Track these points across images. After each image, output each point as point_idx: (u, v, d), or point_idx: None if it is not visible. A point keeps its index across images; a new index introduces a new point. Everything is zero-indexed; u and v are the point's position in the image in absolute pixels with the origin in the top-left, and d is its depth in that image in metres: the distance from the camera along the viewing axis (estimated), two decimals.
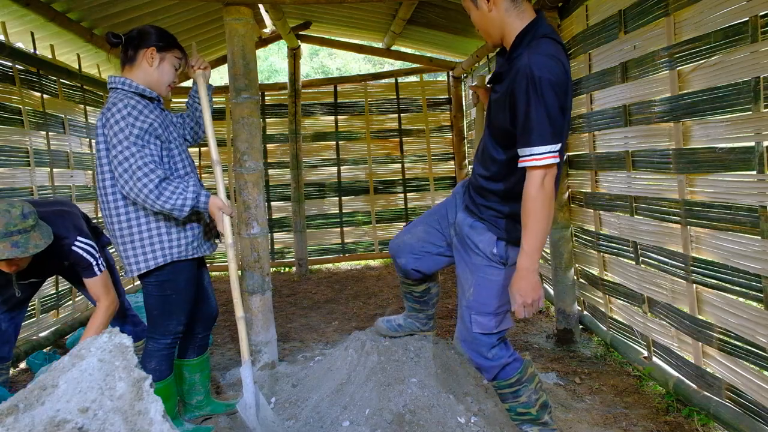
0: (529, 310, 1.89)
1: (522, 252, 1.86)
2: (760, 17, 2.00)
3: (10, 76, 3.81)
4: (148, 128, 2.28)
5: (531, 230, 1.82)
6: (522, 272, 1.86)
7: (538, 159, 1.77)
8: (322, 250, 6.86)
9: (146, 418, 1.55)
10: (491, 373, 2.12)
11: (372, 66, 14.96)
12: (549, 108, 1.75)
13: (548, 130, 1.76)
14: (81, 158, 4.71)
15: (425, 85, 6.95)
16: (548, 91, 1.74)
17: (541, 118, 1.75)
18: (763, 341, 2.11)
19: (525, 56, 1.78)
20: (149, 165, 2.22)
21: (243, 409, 2.46)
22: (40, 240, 2.30)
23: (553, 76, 1.75)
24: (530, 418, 2.17)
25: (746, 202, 2.14)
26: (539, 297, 1.89)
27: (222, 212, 2.35)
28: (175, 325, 2.47)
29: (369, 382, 2.60)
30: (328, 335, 4.04)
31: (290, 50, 6.23)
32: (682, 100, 2.48)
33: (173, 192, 2.24)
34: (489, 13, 1.90)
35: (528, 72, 1.74)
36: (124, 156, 2.22)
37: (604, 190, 3.30)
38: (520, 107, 1.78)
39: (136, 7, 4.34)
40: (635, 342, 3.13)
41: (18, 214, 2.24)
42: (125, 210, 2.33)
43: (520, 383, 2.13)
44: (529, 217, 1.82)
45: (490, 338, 2.09)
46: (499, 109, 1.91)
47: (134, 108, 2.27)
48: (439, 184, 7.01)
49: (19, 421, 1.48)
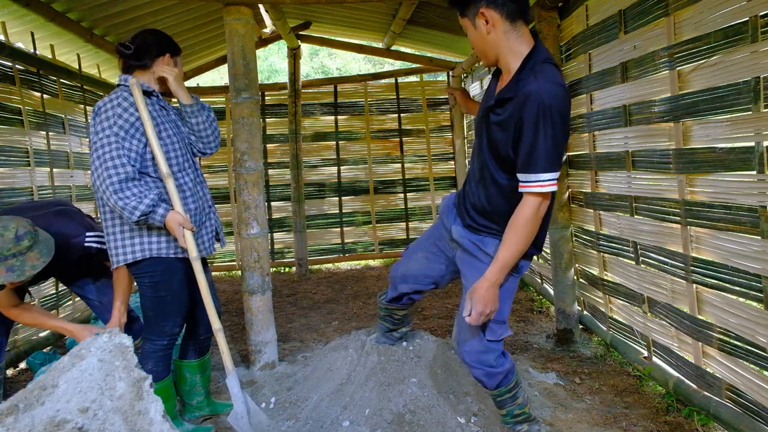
0: (482, 320, 1.94)
1: (495, 263, 1.92)
2: (760, 17, 2.00)
3: (10, 76, 3.81)
4: (135, 122, 2.28)
5: (512, 246, 1.89)
6: (487, 282, 1.91)
7: (543, 186, 1.82)
8: (322, 250, 6.86)
9: (146, 418, 1.55)
10: (496, 380, 2.12)
11: (372, 66, 14.96)
12: (557, 137, 1.79)
13: (555, 159, 1.81)
14: (81, 158, 4.71)
15: (425, 85, 6.95)
16: (558, 119, 1.79)
17: (549, 147, 1.79)
18: (763, 341, 2.12)
19: (533, 83, 1.79)
20: (122, 158, 2.22)
21: (235, 420, 2.42)
22: (38, 260, 2.25)
23: (563, 106, 1.81)
24: (524, 417, 2.22)
25: (746, 202, 2.14)
26: (495, 309, 1.95)
27: (182, 227, 2.29)
28: (171, 327, 2.46)
29: (369, 382, 2.60)
30: (328, 335, 4.04)
31: (290, 50, 6.23)
32: (682, 100, 2.48)
33: (133, 194, 2.21)
34: (487, 36, 1.91)
35: (539, 100, 1.77)
36: (101, 143, 2.23)
37: (604, 190, 3.30)
38: (527, 134, 1.81)
39: (136, 7, 4.34)
40: (635, 342, 3.13)
41: (11, 237, 2.18)
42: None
43: (518, 385, 2.19)
44: (515, 235, 1.88)
45: (498, 345, 2.11)
46: (500, 131, 1.92)
47: (125, 100, 2.29)
48: (439, 184, 7.01)
49: (19, 421, 1.48)
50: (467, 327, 2.10)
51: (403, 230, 6.97)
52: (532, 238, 1.91)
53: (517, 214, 1.88)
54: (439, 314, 4.43)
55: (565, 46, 3.65)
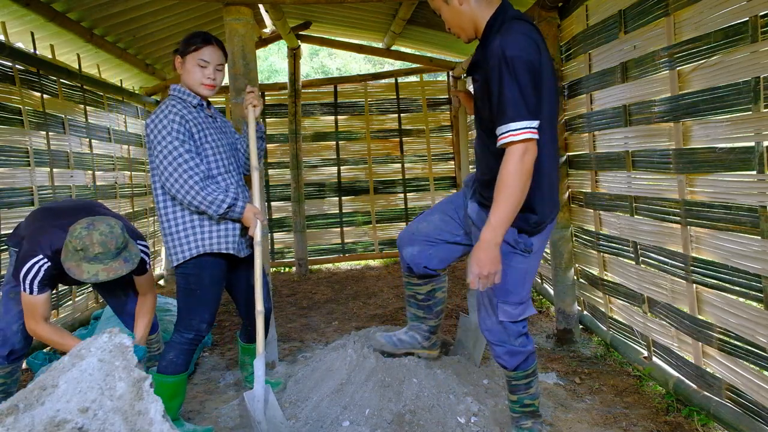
0: (483, 283, 1.87)
1: (488, 224, 1.85)
2: (760, 17, 2.00)
3: (10, 76, 3.81)
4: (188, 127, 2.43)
5: (501, 204, 1.81)
6: (483, 244, 1.84)
7: (515, 135, 1.77)
8: (322, 250, 6.86)
9: (146, 418, 1.55)
10: (516, 360, 2.11)
11: (372, 66, 14.96)
12: (522, 85, 1.77)
13: (523, 107, 1.77)
14: (81, 158, 4.71)
15: (425, 85, 6.96)
16: (521, 68, 1.77)
17: (515, 95, 1.76)
18: (763, 341, 2.11)
19: (496, 39, 1.81)
20: (195, 159, 2.40)
21: (251, 401, 2.41)
22: (135, 248, 2.38)
23: (525, 54, 1.78)
24: (532, 410, 2.21)
25: (746, 202, 2.14)
26: (496, 271, 1.87)
27: (256, 218, 2.48)
28: (197, 322, 2.50)
29: (369, 382, 2.60)
30: (328, 335, 4.04)
31: (290, 50, 6.23)
32: (682, 100, 2.48)
33: (215, 189, 2.41)
34: (460, 7, 1.93)
35: (499, 53, 1.77)
36: (168, 150, 2.38)
37: (604, 190, 3.30)
38: (494, 88, 1.80)
39: (136, 7, 4.34)
40: (635, 342, 3.13)
41: (119, 232, 2.28)
42: (164, 205, 2.49)
43: (535, 374, 2.17)
44: (501, 192, 1.80)
45: (517, 326, 2.10)
46: (481, 99, 1.92)
47: (174, 107, 2.45)
48: (439, 184, 7.01)
49: (19, 421, 1.48)
50: (484, 307, 2.10)
51: None
52: (521, 194, 1.82)
53: (500, 171, 1.82)
54: None
55: (565, 46, 3.65)
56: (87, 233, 2.21)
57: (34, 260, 2.32)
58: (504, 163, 1.80)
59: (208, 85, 2.52)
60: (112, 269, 2.25)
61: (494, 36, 1.84)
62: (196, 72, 2.49)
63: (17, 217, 3.72)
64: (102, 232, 2.23)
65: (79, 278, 2.23)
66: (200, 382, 3.27)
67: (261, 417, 2.37)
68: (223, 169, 2.55)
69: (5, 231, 3.55)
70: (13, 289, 2.55)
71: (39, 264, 2.32)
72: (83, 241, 2.20)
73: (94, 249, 2.21)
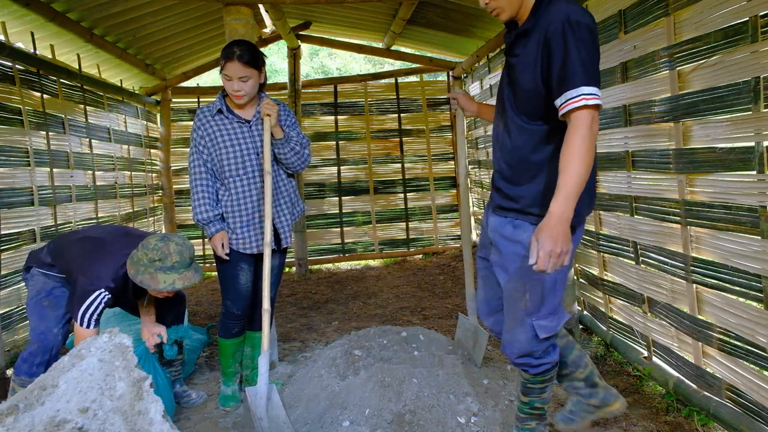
0: (554, 263, 1.65)
1: (557, 194, 1.65)
2: (760, 17, 2.00)
3: (10, 76, 3.81)
4: (203, 134, 2.72)
5: (571, 173, 1.63)
6: (554, 217, 1.64)
7: (588, 99, 1.63)
8: (322, 250, 6.86)
9: (146, 418, 1.55)
10: (540, 369, 2.02)
11: (372, 66, 14.96)
12: (590, 51, 1.68)
13: (593, 73, 1.67)
14: (81, 158, 4.71)
15: (425, 85, 6.95)
16: (587, 34, 1.68)
17: (585, 59, 1.66)
18: (763, 341, 2.11)
19: (553, 8, 1.73)
20: (200, 167, 2.74)
21: (253, 397, 2.41)
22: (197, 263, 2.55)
23: (591, 21, 1.71)
24: (540, 414, 2.17)
25: (746, 202, 2.14)
26: (568, 249, 1.66)
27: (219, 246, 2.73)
28: (229, 305, 2.82)
29: (369, 382, 2.60)
30: (328, 335, 4.04)
31: (290, 50, 6.23)
32: (682, 100, 2.48)
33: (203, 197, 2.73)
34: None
35: (565, 17, 1.68)
36: (190, 158, 2.79)
37: (604, 190, 3.30)
38: (557, 53, 1.68)
39: (136, 7, 4.34)
40: (635, 342, 3.13)
41: (190, 243, 2.47)
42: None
43: (552, 380, 2.11)
44: (571, 161, 1.63)
45: (549, 341, 2.01)
46: (525, 70, 1.81)
47: (201, 112, 2.77)
48: (439, 184, 7.01)
49: (19, 421, 1.48)
50: (520, 326, 1.95)
51: (403, 230, 6.97)
52: (589, 165, 1.65)
53: (567, 138, 1.66)
54: (439, 314, 4.43)
55: None
56: (164, 244, 2.36)
57: (95, 295, 2.38)
58: (572, 129, 1.65)
59: (235, 95, 2.69)
60: (186, 278, 2.39)
61: (547, 6, 1.75)
62: (226, 83, 2.68)
63: (17, 217, 3.73)
64: (177, 243, 2.40)
65: (154, 288, 2.36)
66: (200, 382, 3.27)
67: (263, 414, 2.37)
68: (235, 172, 2.72)
69: (5, 231, 3.55)
70: (47, 297, 2.61)
71: (100, 297, 2.39)
72: (161, 252, 2.34)
73: (172, 258, 2.35)
